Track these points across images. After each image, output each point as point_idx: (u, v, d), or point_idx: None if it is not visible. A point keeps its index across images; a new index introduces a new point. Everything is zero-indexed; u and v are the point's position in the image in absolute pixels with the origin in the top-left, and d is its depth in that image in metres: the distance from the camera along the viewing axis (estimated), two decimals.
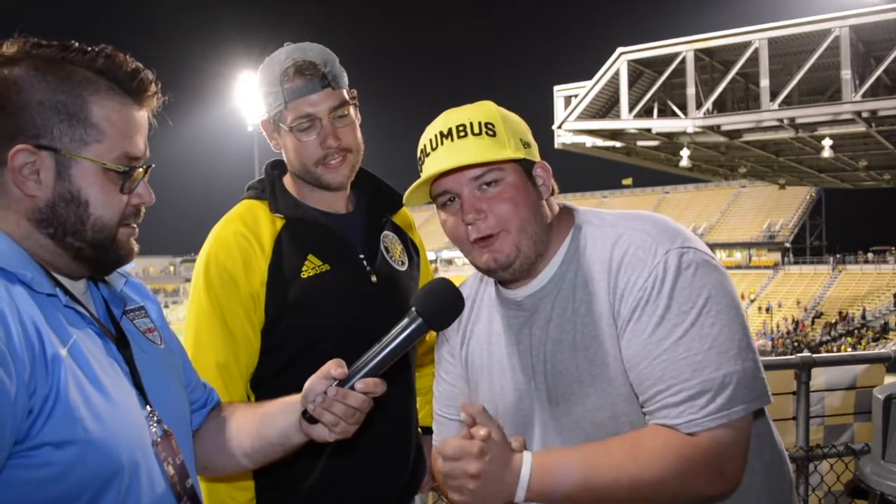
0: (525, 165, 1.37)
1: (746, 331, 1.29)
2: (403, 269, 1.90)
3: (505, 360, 1.46)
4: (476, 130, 1.33)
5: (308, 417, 1.27)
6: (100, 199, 1.10)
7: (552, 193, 1.42)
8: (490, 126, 1.33)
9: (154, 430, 1.13)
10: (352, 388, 1.24)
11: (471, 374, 1.53)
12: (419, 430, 1.97)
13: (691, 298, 1.26)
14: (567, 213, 1.45)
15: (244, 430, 1.37)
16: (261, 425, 1.35)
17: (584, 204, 1.52)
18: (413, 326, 1.26)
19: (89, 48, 1.10)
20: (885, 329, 38.19)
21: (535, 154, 1.40)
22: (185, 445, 1.21)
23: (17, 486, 0.95)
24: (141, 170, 1.14)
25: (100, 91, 1.09)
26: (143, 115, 1.15)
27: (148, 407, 1.13)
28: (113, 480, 1.03)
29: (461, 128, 1.33)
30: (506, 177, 1.34)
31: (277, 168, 1.87)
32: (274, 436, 1.33)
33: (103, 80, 1.10)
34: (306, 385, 1.27)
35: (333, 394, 1.23)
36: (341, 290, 1.75)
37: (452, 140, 1.33)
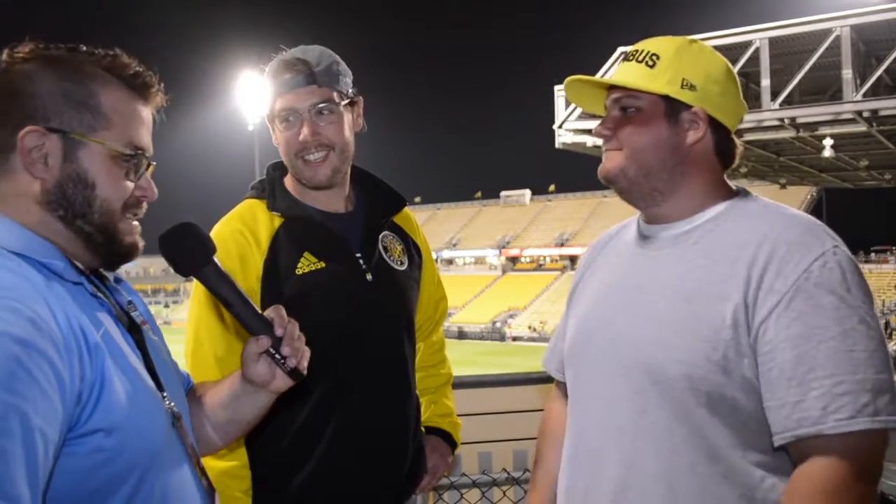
0: (671, 103, 1.39)
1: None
2: (402, 268, 1.91)
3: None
4: (641, 58, 1.41)
5: (298, 375, 1.25)
6: (106, 182, 1.13)
7: (720, 153, 1.45)
8: (654, 57, 1.40)
9: (168, 413, 1.16)
10: (272, 333, 1.21)
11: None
12: (422, 429, 1.97)
13: (859, 297, 1.24)
14: (735, 192, 1.47)
15: (216, 410, 1.37)
16: (232, 405, 1.35)
17: (585, 203, 1.59)
18: (203, 281, 1.22)
19: (96, 50, 1.15)
20: (888, 329, 38.16)
21: (700, 98, 1.38)
22: (190, 428, 1.25)
23: (68, 474, 0.97)
24: (146, 160, 1.17)
25: (107, 83, 1.14)
26: (147, 112, 1.19)
27: (163, 392, 1.17)
28: (153, 463, 1.07)
29: (636, 53, 1.43)
30: (641, 105, 1.40)
31: (279, 169, 1.91)
32: (248, 412, 1.34)
33: (109, 75, 1.14)
34: (250, 375, 1.26)
35: (290, 338, 1.21)
36: (335, 286, 1.77)
37: (628, 61, 1.44)
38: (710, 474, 1.27)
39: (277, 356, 1.22)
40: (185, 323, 1.79)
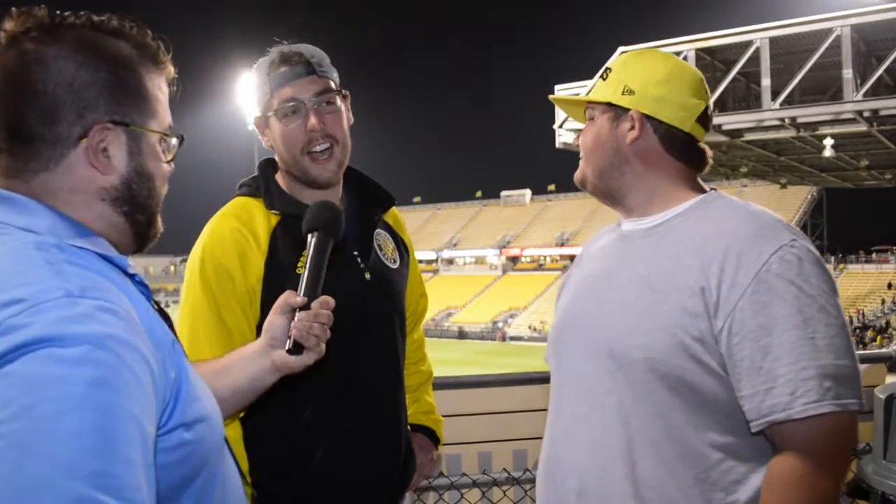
0: (615, 109, 1.52)
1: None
2: (395, 266, 1.91)
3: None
4: (601, 74, 1.58)
5: (294, 349, 1.37)
6: (159, 171, 1.09)
7: (673, 151, 1.50)
8: (608, 70, 1.57)
9: None
10: (310, 302, 1.39)
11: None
12: (408, 427, 1.97)
13: (818, 286, 1.30)
14: (703, 190, 1.53)
15: (213, 378, 1.35)
16: (228, 377, 1.40)
17: (585, 203, 1.66)
18: (315, 241, 1.46)
19: (112, 19, 1.06)
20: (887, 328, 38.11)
21: (637, 101, 1.49)
22: None
23: (158, 471, 0.94)
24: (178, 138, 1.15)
25: (144, 65, 1.07)
26: (165, 84, 1.13)
27: None
28: (222, 450, 1.07)
29: (602, 69, 1.60)
30: (595, 114, 1.57)
31: (271, 166, 1.88)
32: (244, 383, 1.41)
33: (139, 54, 1.07)
34: (268, 324, 1.40)
35: (313, 315, 1.36)
36: (335, 286, 1.75)
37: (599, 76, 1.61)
38: (670, 453, 1.34)
39: (295, 320, 1.37)
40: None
